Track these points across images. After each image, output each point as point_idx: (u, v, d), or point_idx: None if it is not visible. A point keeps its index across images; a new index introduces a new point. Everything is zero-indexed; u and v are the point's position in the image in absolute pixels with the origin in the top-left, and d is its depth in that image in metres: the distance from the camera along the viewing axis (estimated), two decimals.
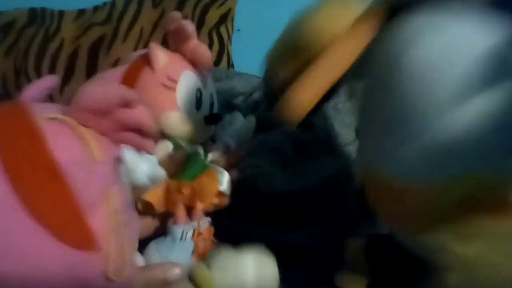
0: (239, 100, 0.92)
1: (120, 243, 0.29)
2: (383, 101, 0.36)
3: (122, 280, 0.29)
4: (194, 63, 0.51)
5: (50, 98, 0.98)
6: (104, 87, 0.32)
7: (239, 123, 0.61)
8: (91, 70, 1.09)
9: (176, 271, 0.37)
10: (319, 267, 0.52)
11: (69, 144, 0.29)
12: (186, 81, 0.49)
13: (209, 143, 0.56)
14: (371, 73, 0.38)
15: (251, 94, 0.92)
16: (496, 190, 0.32)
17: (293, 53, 0.39)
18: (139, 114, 0.33)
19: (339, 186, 0.58)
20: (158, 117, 0.47)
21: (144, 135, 0.35)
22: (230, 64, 1.22)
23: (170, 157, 0.48)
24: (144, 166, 0.42)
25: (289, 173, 0.59)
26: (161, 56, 0.48)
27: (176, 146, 0.48)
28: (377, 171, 0.38)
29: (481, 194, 0.32)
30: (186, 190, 0.46)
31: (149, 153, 0.37)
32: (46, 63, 1.09)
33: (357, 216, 0.48)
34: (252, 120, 0.64)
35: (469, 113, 0.31)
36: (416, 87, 0.33)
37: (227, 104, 0.80)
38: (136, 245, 0.35)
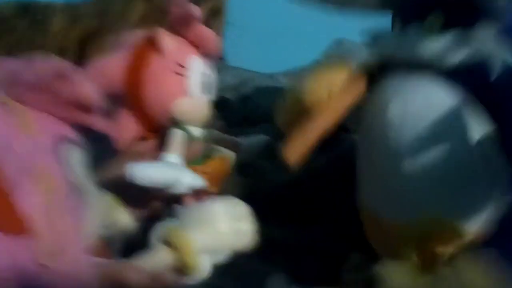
0: (229, 93, 0.91)
1: (55, 226, 0.27)
2: (371, 146, 0.45)
3: (61, 268, 0.27)
4: (199, 47, 0.50)
5: None
6: (37, 59, 0.30)
7: None
8: (81, 63, 1.07)
9: (139, 277, 0.34)
10: (320, 262, 0.52)
11: None
12: (194, 66, 0.49)
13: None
14: (362, 125, 0.47)
15: (241, 88, 0.92)
16: (447, 227, 0.39)
17: (291, 111, 0.46)
18: (80, 88, 0.31)
19: (331, 175, 0.58)
20: (169, 105, 0.47)
21: (90, 111, 0.32)
22: (222, 58, 1.22)
23: (188, 147, 0.48)
24: (186, 179, 0.42)
25: (278, 164, 0.59)
26: (169, 41, 0.48)
27: (188, 134, 0.48)
28: (363, 204, 0.47)
29: (436, 230, 0.39)
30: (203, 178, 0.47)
31: (98, 130, 0.33)
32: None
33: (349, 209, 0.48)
34: None
35: (429, 162, 0.39)
36: (394, 136, 0.41)
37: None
38: (91, 232, 0.32)
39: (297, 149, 0.42)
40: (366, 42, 0.50)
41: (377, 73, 0.45)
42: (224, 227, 0.37)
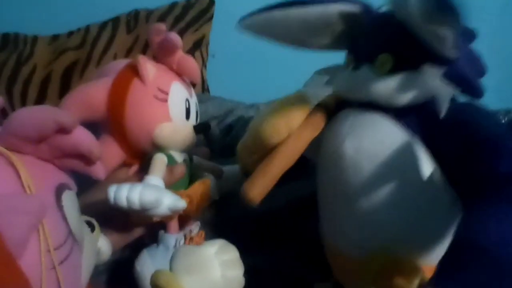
0: (212, 123, 0.92)
1: (55, 281, 0.27)
2: (327, 181, 0.45)
3: None
4: (181, 75, 0.51)
5: None
6: (38, 111, 0.29)
7: None
8: (64, 95, 1.07)
9: None
10: None
11: None
12: (176, 92, 0.49)
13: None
14: (319, 158, 0.47)
15: (224, 118, 0.93)
16: (404, 258, 0.39)
17: (252, 150, 0.47)
18: (77, 140, 0.31)
19: (308, 208, 0.59)
20: (151, 130, 0.48)
21: (88, 160, 0.33)
22: (205, 89, 1.23)
23: (170, 170, 0.48)
24: (167, 200, 0.42)
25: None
26: (150, 68, 0.48)
27: (169, 159, 0.49)
28: (323, 236, 0.47)
29: (394, 262, 0.40)
30: (186, 201, 0.46)
31: (99, 178, 0.34)
32: (18, 87, 1.08)
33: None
34: None
35: (383, 198, 0.39)
36: (349, 172, 0.41)
37: None
38: (84, 280, 0.32)
39: (258, 186, 0.42)
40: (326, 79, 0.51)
41: (335, 108, 0.46)
42: (216, 275, 0.36)
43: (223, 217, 0.60)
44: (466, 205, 0.35)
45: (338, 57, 0.51)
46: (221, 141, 0.86)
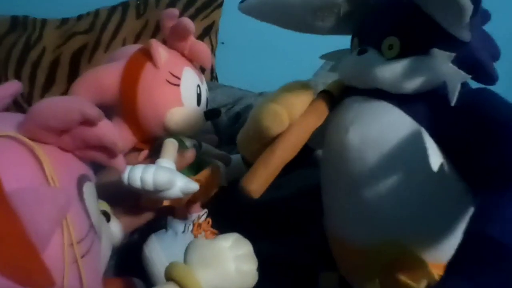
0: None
1: (77, 275, 0.28)
2: (331, 172, 0.44)
3: None
4: (193, 60, 0.51)
5: (29, 106, 0.97)
6: (63, 102, 0.29)
7: None
8: (72, 79, 1.07)
9: None
10: (294, 278, 0.52)
11: (20, 168, 0.27)
12: (188, 77, 0.50)
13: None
14: (324, 147, 0.45)
15: (233, 106, 0.93)
16: (411, 252, 0.38)
17: (253, 139, 0.44)
18: (102, 132, 0.30)
19: (316, 196, 0.58)
20: (163, 114, 0.48)
21: (110, 152, 0.32)
22: (213, 77, 1.23)
23: (181, 154, 0.48)
24: (180, 182, 0.42)
25: None
26: (163, 52, 0.48)
27: (180, 143, 0.49)
28: (327, 227, 0.46)
29: (401, 256, 0.39)
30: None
31: (120, 171, 0.34)
32: (26, 70, 1.08)
33: None
34: None
35: (389, 187, 0.38)
36: (354, 162, 0.40)
37: None
38: (102, 272, 0.33)
39: (258, 179, 0.39)
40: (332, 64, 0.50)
41: (340, 95, 0.44)
42: (230, 268, 0.36)
43: (230, 204, 0.60)
44: (477, 196, 0.33)
45: (348, 45, 0.50)
46: (229, 129, 0.86)
